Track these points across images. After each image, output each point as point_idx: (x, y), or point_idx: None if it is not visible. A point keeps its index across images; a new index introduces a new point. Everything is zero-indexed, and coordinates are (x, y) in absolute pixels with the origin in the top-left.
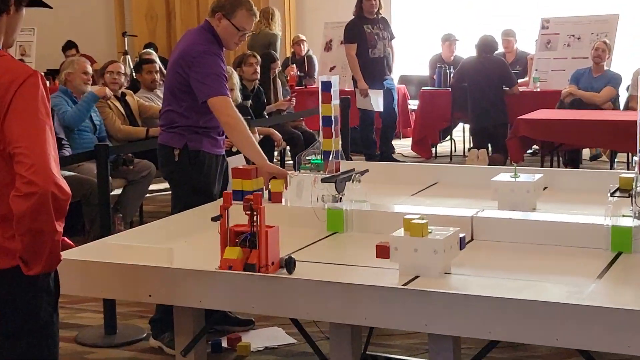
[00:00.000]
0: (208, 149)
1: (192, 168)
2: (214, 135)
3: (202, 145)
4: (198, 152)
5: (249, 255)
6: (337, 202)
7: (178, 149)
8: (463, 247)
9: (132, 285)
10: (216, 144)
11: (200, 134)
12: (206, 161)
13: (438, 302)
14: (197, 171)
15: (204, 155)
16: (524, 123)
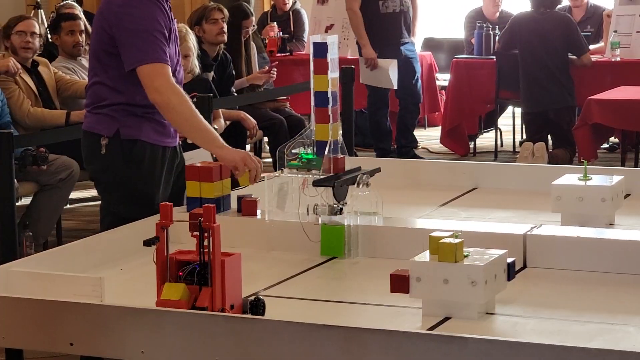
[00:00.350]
0: (149, 138)
1: (126, 164)
2: (160, 118)
3: (141, 132)
4: (134, 142)
5: (197, 294)
6: (336, 214)
7: (106, 137)
8: (512, 276)
9: (47, 330)
10: (163, 131)
11: (138, 117)
12: (146, 155)
13: (477, 353)
14: (133, 169)
15: (143, 146)
16: (598, 106)
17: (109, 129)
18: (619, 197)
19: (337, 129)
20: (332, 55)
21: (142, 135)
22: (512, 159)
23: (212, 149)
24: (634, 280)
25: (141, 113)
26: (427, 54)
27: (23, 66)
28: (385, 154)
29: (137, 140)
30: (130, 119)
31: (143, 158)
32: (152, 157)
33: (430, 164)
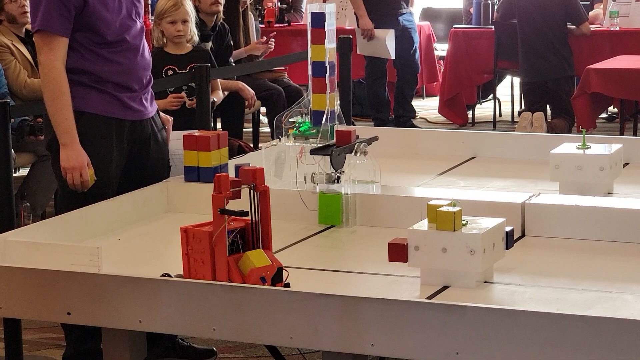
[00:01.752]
0: (99, 110)
1: None
2: (114, 91)
3: (88, 103)
4: (81, 113)
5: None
6: (334, 183)
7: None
8: (510, 245)
9: (44, 300)
10: (119, 104)
11: (88, 87)
12: (94, 129)
13: (475, 321)
14: (80, 143)
15: (90, 119)
16: (597, 75)
17: None
18: (618, 165)
19: (334, 99)
20: (330, 25)
21: (89, 107)
22: (510, 128)
23: (59, 141)
24: (631, 248)
25: (90, 83)
26: (425, 24)
27: (18, 36)
28: (383, 124)
29: (83, 112)
30: (78, 90)
31: (91, 130)
32: (102, 129)
33: (429, 133)
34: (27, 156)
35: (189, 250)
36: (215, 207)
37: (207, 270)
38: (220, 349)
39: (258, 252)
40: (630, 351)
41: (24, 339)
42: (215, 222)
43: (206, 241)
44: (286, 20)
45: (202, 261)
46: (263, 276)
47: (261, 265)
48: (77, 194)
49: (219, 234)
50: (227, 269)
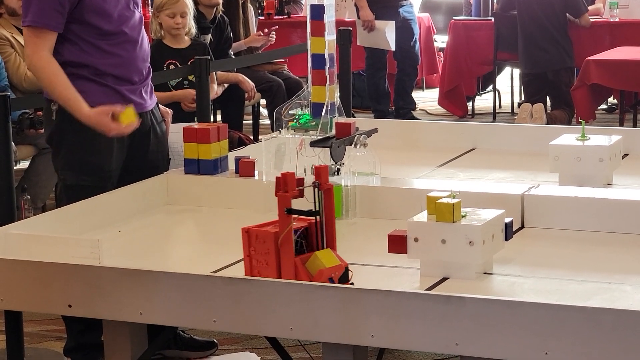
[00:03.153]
0: (99, 104)
1: (73, 131)
2: (114, 84)
3: (88, 97)
4: None
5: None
6: (334, 175)
7: (55, 102)
8: (510, 236)
9: (45, 292)
10: (119, 97)
11: (88, 80)
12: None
13: (474, 312)
14: (80, 135)
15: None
16: (597, 66)
17: None
18: (617, 157)
19: (334, 91)
20: (329, 17)
21: (89, 100)
22: (510, 120)
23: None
24: (631, 239)
25: (90, 75)
26: (425, 16)
27: (18, 29)
28: (383, 116)
29: None
30: (78, 83)
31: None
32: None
33: (428, 125)
34: (27, 149)
35: (251, 251)
36: (282, 206)
37: (272, 272)
38: (221, 340)
39: (327, 252)
40: (629, 342)
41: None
42: (281, 222)
43: (271, 242)
44: (286, 12)
45: (266, 262)
46: (331, 277)
47: (331, 266)
48: (76, 187)
49: (286, 234)
50: (295, 270)
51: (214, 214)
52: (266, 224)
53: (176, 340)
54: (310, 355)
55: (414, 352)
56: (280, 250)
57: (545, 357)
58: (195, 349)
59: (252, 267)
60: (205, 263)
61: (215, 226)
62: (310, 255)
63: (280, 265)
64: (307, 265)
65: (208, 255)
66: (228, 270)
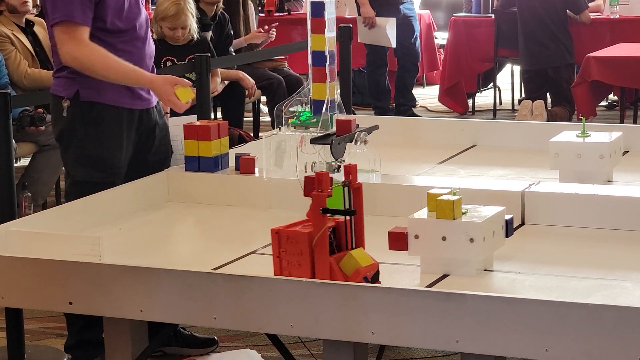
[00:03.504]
0: (110, 100)
1: (84, 127)
2: None
3: (100, 94)
4: (93, 104)
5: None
6: (334, 172)
7: (67, 98)
8: (510, 233)
9: (46, 290)
10: (130, 93)
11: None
12: (105, 119)
13: (475, 309)
14: (91, 132)
15: (102, 108)
16: (597, 63)
17: (69, 90)
18: (617, 153)
19: (334, 88)
20: (330, 14)
21: (101, 97)
22: (510, 117)
23: (144, 85)
24: (631, 236)
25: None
26: (426, 13)
27: (18, 26)
28: (383, 113)
29: (95, 102)
30: (90, 81)
31: (102, 120)
32: (113, 119)
33: (429, 122)
34: (28, 146)
35: (281, 252)
36: (317, 206)
37: (304, 272)
38: (222, 337)
39: (360, 251)
40: (630, 338)
41: (25, 329)
42: (315, 221)
43: (305, 242)
44: (286, 9)
45: (298, 263)
46: (366, 276)
47: (366, 265)
48: (86, 184)
49: (322, 234)
50: (330, 270)
51: (214, 211)
52: (294, 224)
53: (177, 338)
54: (311, 352)
55: (414, 349)
56: (315, 251)
57: (545, 353)
58: (195, 346)
59: (282, 268)
60: (206, 260)
61: (215, 223)
62: (344, 254)
63: (314, 265)
64: (340, 264)
65: (208, 252)
66: (228, 268)
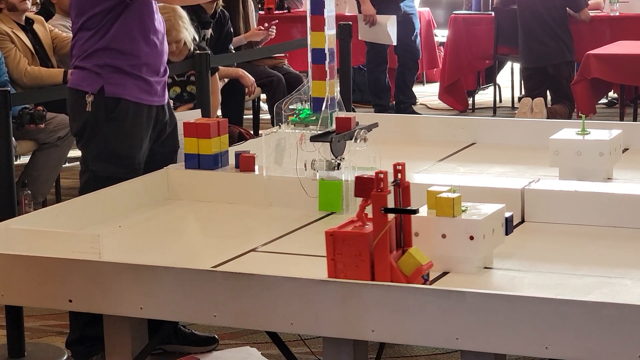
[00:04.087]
0: (133, 97)
1: (108, 122)
2: (147, 75)
3: (125, 90)
4: (118, 100)
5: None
6: (334, 170)
7: (91, 93)
8: (510, 231)
9: (45, 287)
10: (149, 89)
11: (124, 74)
12: (129, 115)
13: (475, 307)
14: (114, 127)
15: (126, 104)
16: (597, 61)
17: (94, 85)
18: (617, 151)
19: (334, 86)
20: (329, 12)
21: (125, 93)
22: (510, 114)
23: None
24: (631, 234)
25: (127, 68)
26: (425, 10)
27: (18, 24)
28: (383, 111)
29: (120, 98)
30: (115, 76)
31: (126, 116)
32: (135, 115)
33: (429, 119)
34: (27, 144)
35: (336, 254)
36: (377, 205)
37: (363, 274)
38: (221, 335)
39: (416, 250)
40: (629, 336)
41: (25, 327)
42: (376, 221)
43: (364, 243)
44: (286, 7)
45: (355, 265)
46: (424, 275)
47: (425, 263)
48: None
49: (383, 235)
50: (390, 270)
51: (214, 208)
52: (345, 225)
53: (177, 335)
54: (311, 350)
55: (414, 347)
56: (375, 251)
57: (545, 351)
58: (196, 344)
59: (337, 271)
60: (206, 258)
61: (215, 221)
62: (400, 254)
63: (373, 266)
64: (398, 263)
65: (208, 250)
66: (228, 265)
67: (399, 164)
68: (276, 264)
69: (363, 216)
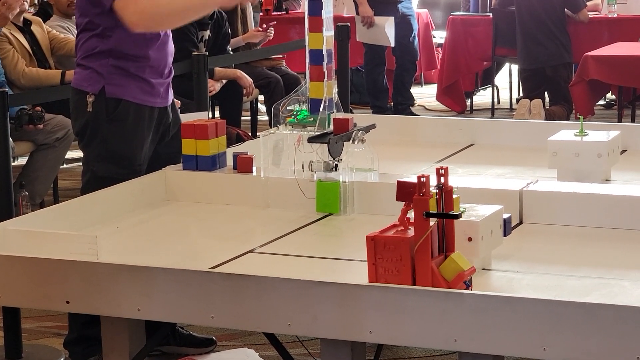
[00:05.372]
0: (135, 98)
1: (109, 123)
2: (150, 76)
3: (126, 91)
4: (119, 100)
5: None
6: (332, 171)
7: (92, 94)
8: (508, 232)
9: (43, 289)
10: (151, 90)
11: (126, 75)
12: (129, 116)
13: (473, 308)
14: (115, 128)
15: (127, 105)
16: (595, 62)
17: (95, 86)
18: (615, 152)
19: (332, 87)
20: (327, 13)
21: (126, 94)
22: (509, 116)
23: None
24: (629, 235)
25: (130, 69)
26: (424, 11)
27: (16, 25)
28: (381, 112)
29: (121, 99)
30: (116, 77)
31: (127, 117)
32: (137, 116)
33: (427, 120)
34: (25, 145)
35: (377, 259)
36: (420, 210)
37: (403, 279)
38: (219, 336)
39: (458, 255)
40: (627, 337)
41: (23, 328)
42: (418, 226)
43: (405, 248)
44: (284, 8)
45: (397, 270)
46: (466, 280)
47: (467, 268)
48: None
49: (425, 239)
50: (431, 275)
51: (212, 210)
52: (386, 229)
53: (175, 337)
54: (309, 352)
55: (412, 348)
56: (416, 256)
57: (543, 352)
58: (193, 345)
59: (377, 276)
60: (204, 259)
61: (213, 222)
62: (442, 259)
63: (414, 271)
64: (440, 269)
65: (206, 251)
66: (226, 266)
67: (442, 168)
68: (274, 265)
69: (405, 220)
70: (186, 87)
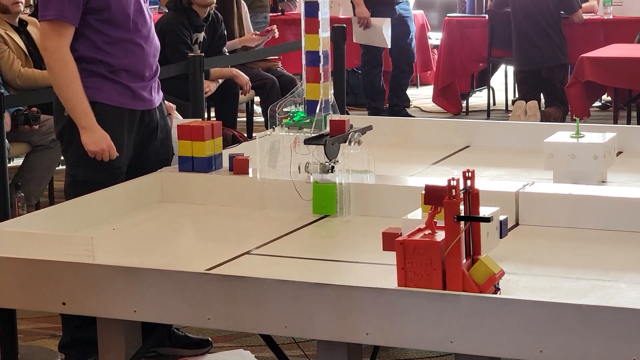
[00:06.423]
0: (112, 101)
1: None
2: (127, 80)
3: (102, 94)
4: (94, 104)
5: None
6: (328, 172)
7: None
8: (504, 234)
9: (39, 290)
10: (129, 93)
11: (102, 78)
12: (106, 119)
13: (469, 310)
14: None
15: (103, 109)
16: (591, 64)
17: None
18: (611, 154)
19: (328, 88)
20: (323, 14)
21: (102, 97)
22: (504, 117)
23: (78, 125)
24: (625, 237)
25: (105, 73)
26: (419, 13)
27: (12, 26)
28: (377, 113)
29: (97, 102)
30: (92, 80)
31: (103, 120)
32: (114, 119)
33: (423, 122)
34: (21, 146)
35: (406, 263)
36: (450, 213)
37: (434, 283)
38: (215, 338)
39: (487, 258)
40: (624, 339)
41: (18, 329)
42: (448, 230)
43: (435, 252)
44: (280, 9)
45: (427, 274)
46: (497, 283)
47: (497, 272)
48: (86, 184)
49: (456, 243)
50: (462, 279)
51: (208, 211)
52: (414, 233)
53: (170, 338)
54: (305, 353)
55: (408, 350)
56: (446, 260)
57: (540, 354)
58: (189, 347)
59: (407, 280)
60: (200, 260)
61: (209, 224)
62: (470, 262)
63: (445, 275)
64: (470, 272)
65: (202, 252)
66: (222, 268)
67: (468, 171)
68: (270, 266)
69: (432, 224)
70: (182, 89)
